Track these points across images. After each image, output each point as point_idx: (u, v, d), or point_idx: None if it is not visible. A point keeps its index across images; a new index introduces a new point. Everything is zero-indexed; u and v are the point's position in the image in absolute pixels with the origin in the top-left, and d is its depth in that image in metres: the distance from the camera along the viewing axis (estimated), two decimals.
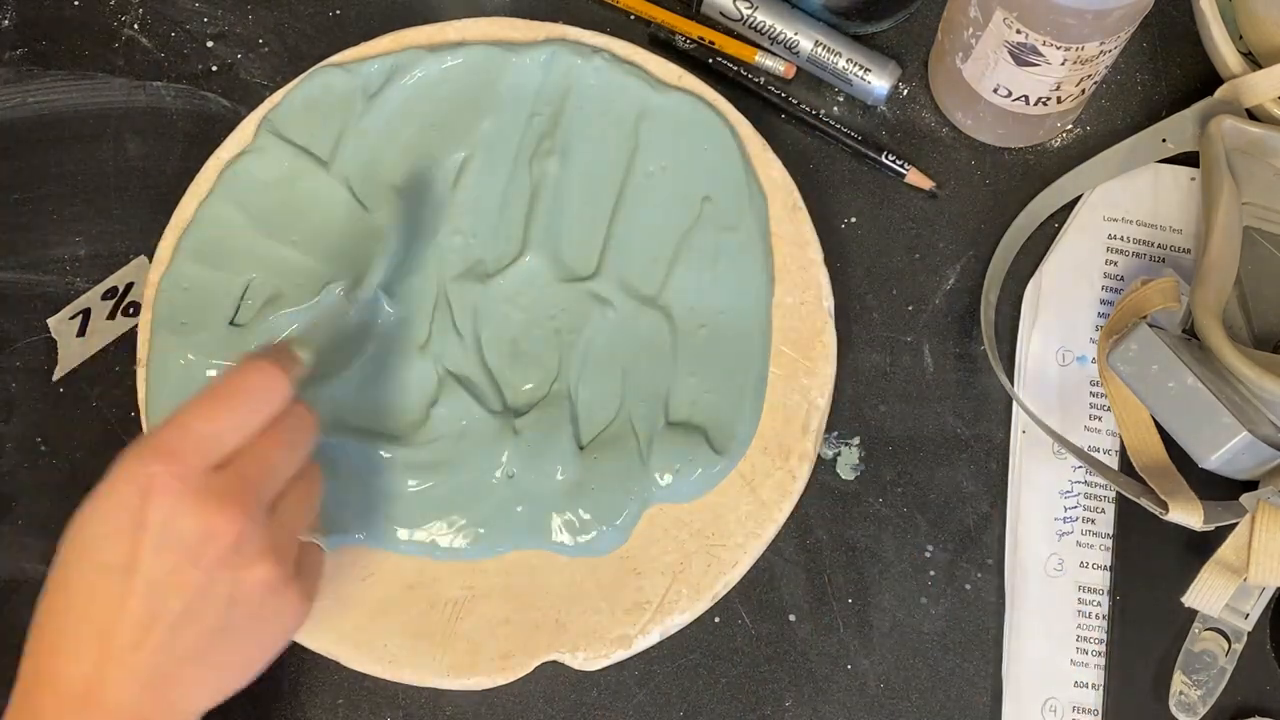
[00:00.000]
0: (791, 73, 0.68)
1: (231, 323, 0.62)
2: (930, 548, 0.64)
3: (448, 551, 0.61)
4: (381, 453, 0.61)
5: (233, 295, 0.63)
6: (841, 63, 0.67)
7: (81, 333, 0.66)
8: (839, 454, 0.64)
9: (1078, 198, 0.66)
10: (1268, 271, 0.62)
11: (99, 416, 0.65)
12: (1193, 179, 0.66)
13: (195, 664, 0.49)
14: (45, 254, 0.67)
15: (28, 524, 0.64)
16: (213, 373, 0.62)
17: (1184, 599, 0.60)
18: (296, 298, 0.62)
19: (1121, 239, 0.66)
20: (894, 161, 0.66)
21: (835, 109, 0.68)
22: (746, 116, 0.65)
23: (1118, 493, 0.62)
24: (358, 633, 0.60)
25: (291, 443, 0.52)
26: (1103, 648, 0.62)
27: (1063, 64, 0.59)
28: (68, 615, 0.48)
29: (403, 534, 0.61)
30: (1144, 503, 0.58)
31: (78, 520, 0.49)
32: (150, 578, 0.47)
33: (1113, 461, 0.64)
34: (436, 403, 0.62)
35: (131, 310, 0.66)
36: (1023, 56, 0.59)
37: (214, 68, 0.69)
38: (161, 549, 0.47)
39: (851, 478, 0.64)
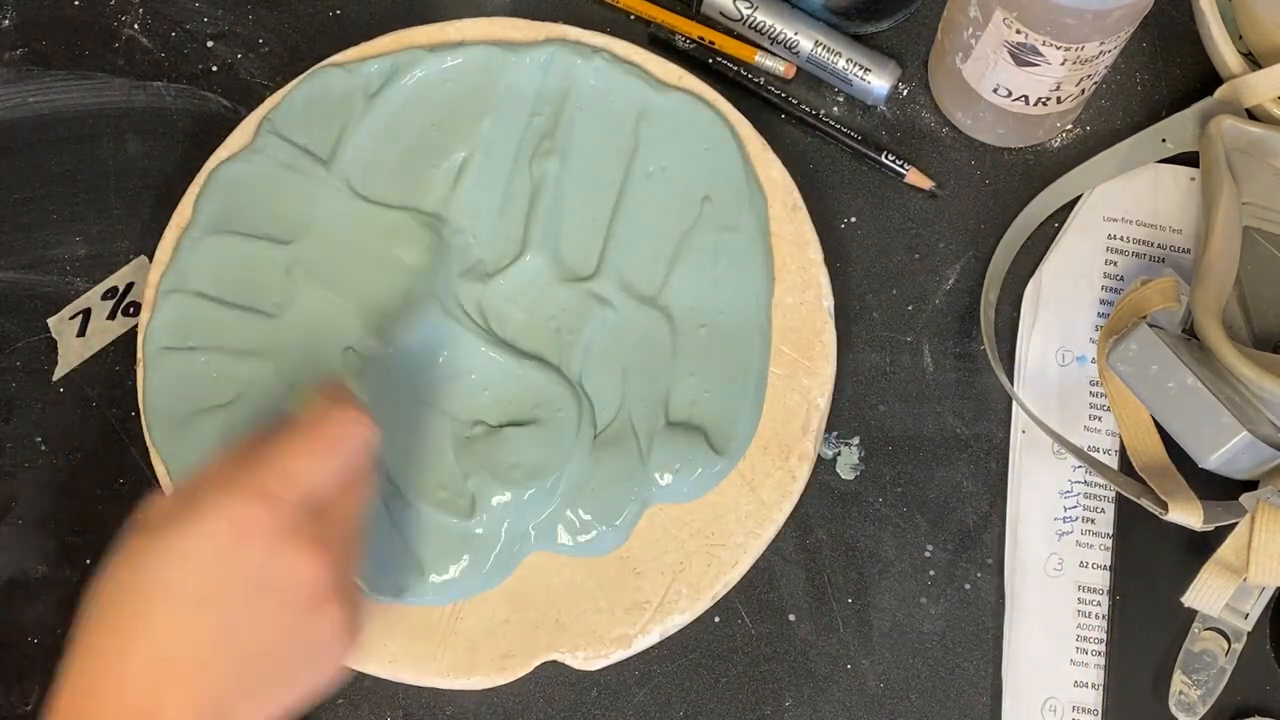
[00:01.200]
0: (791, 73, 0.68)
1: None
2: (930, 548, 0.64)
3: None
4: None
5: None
6: (841, 63, 0.67)
7: (81, 333, 0.66)
8: (839, 454, 0.64)
9: (1078, 198, 0.66)
10: (1268, 271, 0.62)
11: (99, 416, 0.65)
12: (1193, 179, 0.66)
13: (255, 699, 0.49)
14: (45, 254, 0.67)
15: (28, 524, 0.64)
16: (214, 374, 0.62)
17: (1184, 599, 0.60)
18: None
19: (1121, 239, 0.66)
20: (894, 161, 0.66)
21: (835, 109, 0.68)
22: (746, 116, 0.65)
23: (1118, 493, 0.62)
24: None
25: (367, 495, 0.54)
26: (1103, 648, 0.62)
27: (1063, 64, 0.59)
28: (130, 635, 0.47)
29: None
30: (1144, 503, 0.58)
31: (147, 546, 0.48)
32: (231, 610, 0.48)
33: (1113, 461, 0.64)
34: None
35: (131, 310, 0.66)
36: (1023, 56, 0.59)
37: (214, 68, 0.69)
38: (253, 587, 0.48)
39: (851, 478, 0.64)
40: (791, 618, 0.63)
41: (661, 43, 0.69)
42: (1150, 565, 0.62)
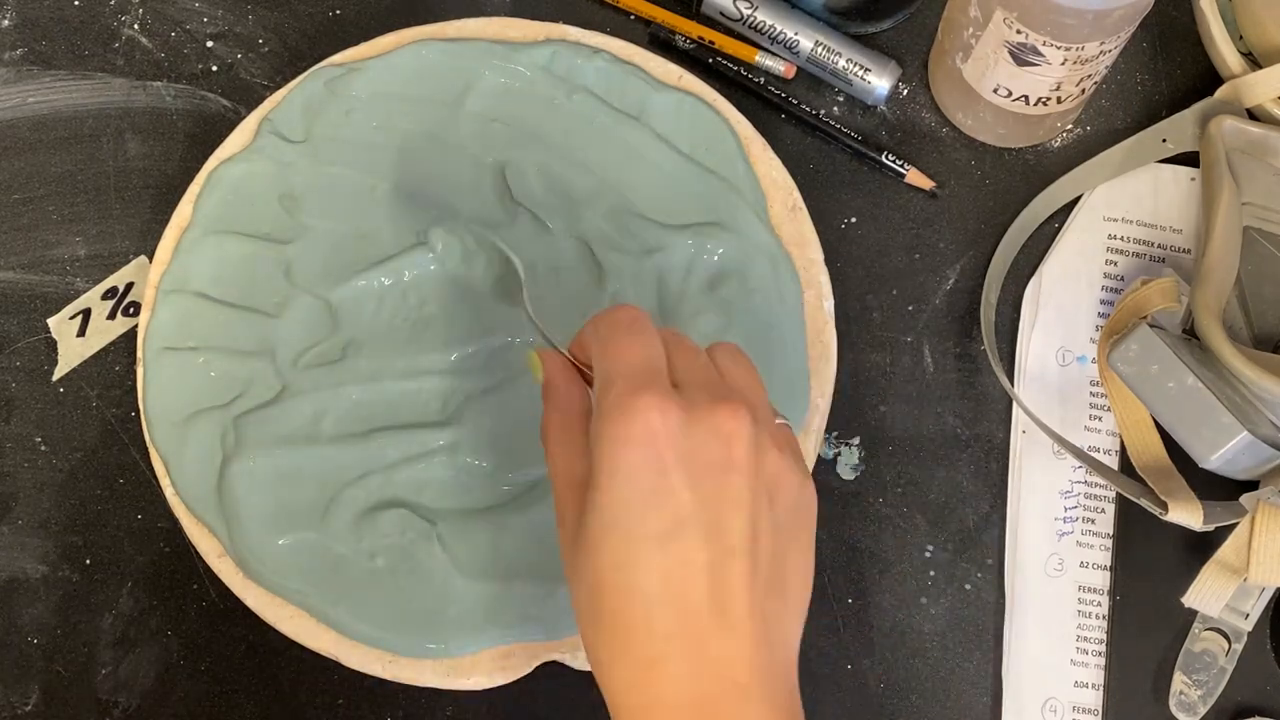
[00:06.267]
0: (791, 73, 0.68)
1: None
2: (930, 548, 0.64)
3: None
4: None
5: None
6: (841, 63, 0.67)
7: (81, 333, 0.66)
8: (839, 454, 0.64)
9: (1078, 198, 0.66)
10: (1268, 271, 0.62)
11: (99, 416, 0.65)
12: (1193, 179, 0.66)
13: (780, 591, 0.45)
14: (45, 254, 0.67)
15: (28, 524, 0.64)
16: (214, 374, 0.62)
17: (1184, 599, 0.60)
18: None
19: (1121, 239, 0.66)
20: (894, 161, 0.66)
21: (835, 109, 0.68)
22: (746, 116, 0.65)
23: (1118, 493, 0.62)
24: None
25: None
26: (1103, 648, 0.62)
27: (1063, 64, 0.59)
28: (645, 618, 0.44)
29: None
30: (1144, 503, 0.58)
31: (590, 520, 0.44)
32: (704, 517, 0.44)
33: (1113, 461, 0.64)
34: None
35: (131, 310, 0.66)
36: (1023, 56, 0.59)
37: (214, 68, 0.69)
38: (697, 475, 0.44)
39: (851, 478, 0.64)
40: None
41: (661, 43, 0.69)
42: (1150, 565, 0.62)
